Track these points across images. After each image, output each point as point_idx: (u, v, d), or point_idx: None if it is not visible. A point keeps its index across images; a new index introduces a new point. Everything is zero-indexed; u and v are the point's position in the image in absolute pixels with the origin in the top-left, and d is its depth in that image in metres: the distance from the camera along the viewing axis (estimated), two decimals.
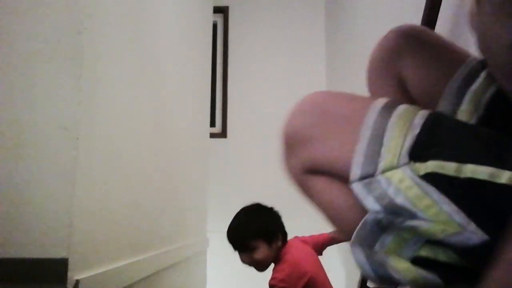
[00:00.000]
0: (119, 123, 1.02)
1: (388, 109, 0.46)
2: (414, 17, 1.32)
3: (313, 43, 3.14)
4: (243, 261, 1.44)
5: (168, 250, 1.46)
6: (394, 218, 0.41)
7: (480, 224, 0.38)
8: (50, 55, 0.78)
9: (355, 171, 0.44)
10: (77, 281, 0.75)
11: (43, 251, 0.73)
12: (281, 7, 3.19)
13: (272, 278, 1.35)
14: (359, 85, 2.47)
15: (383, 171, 0.43)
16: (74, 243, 0.76)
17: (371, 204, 0.43)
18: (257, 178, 2.93)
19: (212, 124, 3.03)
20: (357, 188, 0.44)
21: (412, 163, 0.42)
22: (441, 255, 0.40)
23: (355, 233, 0.44)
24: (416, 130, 0.43)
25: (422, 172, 0.41)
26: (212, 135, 2.77)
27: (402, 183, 0.41)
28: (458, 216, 0.39)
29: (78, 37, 0.79)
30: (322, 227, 3.08)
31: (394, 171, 0.42)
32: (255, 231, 1.40)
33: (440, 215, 0.39)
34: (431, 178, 0.41)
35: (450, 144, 0.42)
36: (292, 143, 0.54)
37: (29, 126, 0.76)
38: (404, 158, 0.42)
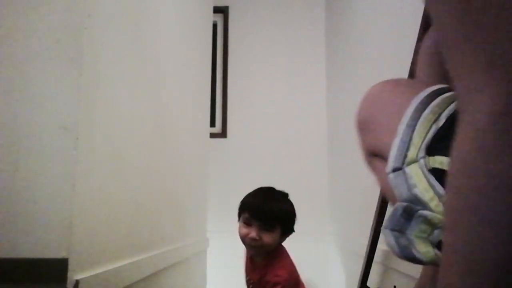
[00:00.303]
0: (119, 123, 1.02)
1: (426, 102, 0.49)
2: (413, 17, 1.32)
3: (313, 43, 3.14)
4: (246, 233, 1.32)
5: (168, 250, 1.46)
6: (415, 207, 0.47)
7: None
8: (50, 55, 0.78)
9: (390, 163, 0.50)
10: (77, 281, 0.75)
11: (43, 251, 0.73)
12: (281, 7, 3.19)
13: (276, 275, 1.30)
14: (359, 85, 2.48)
15: (408, 164, 0.48)
16: (74, 243, 0.76)
17: (399, 193, 0.48)
18: (257, 178, 2.93)
19: (212, 124, 3.03)
20: (390, 178, 0.50)
21: (427, 157, 0.47)
22: None
23: (386, 218, 0.50)
24: (440, 123, 0.47)
25: (430, 166, 0.46)
26: (212, 135, 2.77)
27: (418, 176, 0.46)
28: None
29: (78, 37, 0.79)
30: (316, 226, 3.06)
31: (414, 164, 0.47)
32: (285, 216, 1.35)
33: (438, 207, 0.45)
34: (436, 172, 0.46)
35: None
36: (360, 129, 0.59)
37: (29, 126, 0.76)
38: (422, 151, 0.47)
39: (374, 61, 1.89)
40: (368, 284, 1.66)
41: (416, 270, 1.27)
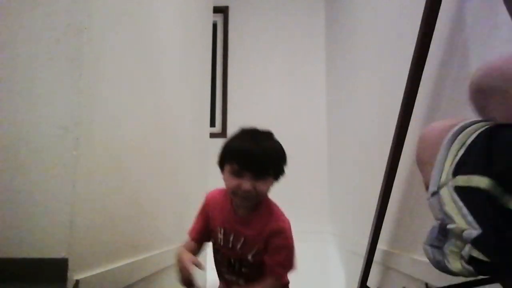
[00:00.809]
0: (119, 123, 1.02)
1: (455, 135, 0.59)
2: (413, 19, 1.32)
3: (313, 43, 3.14)
4: (237, 186, 1.10)
5: (168, 250, 1.46)
6: (446, 223, 0.55)
7: (478, 221, 0.51)
8: (50, 55, 0.78)
9: (429, 189, 0.60)
10: (77, 281, 0.75)
11: (43, 251, 0.73)
12: (281, 7, 3.19)
13: (283, 222, 1.14)
14: (358, 85, 2.46)
15: (440, 188, 0.58)
16: (74, 243, 0.76)
17: (435, 214, 0.58)
18: None
19: (212, 124, 3.03)
20: (429, 202, 0.59)
21: (452, 178, 0.56)
22: (475, 253, 0.52)
23: (426, 236, 0.59)
24: (463, 150, 0.56)
25: (453, 185, 0.55)
26: (212, 135, 2.77)
27: (446, 196, 0.56)
28: (469, 217, 0.52)
29: (78, 37, 0.79)
30: (316, 226, 3.04)
31: (444, 187, 0.57)
32: (277, 160, 1.14)
33: (460, 219, 0.53)
34: (457, 189, 0.55)
35: (472, 159, 0.54)
36: (419, 168, 0.69)
37: (29, 126, 0.76)
38: (450, 175, 0.57)
39: (373, 61, 1.89)
40: (368, 284, 1.66)
41: (417, 271, 1.27)
